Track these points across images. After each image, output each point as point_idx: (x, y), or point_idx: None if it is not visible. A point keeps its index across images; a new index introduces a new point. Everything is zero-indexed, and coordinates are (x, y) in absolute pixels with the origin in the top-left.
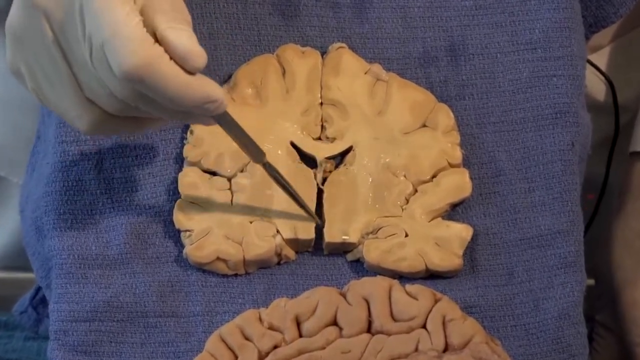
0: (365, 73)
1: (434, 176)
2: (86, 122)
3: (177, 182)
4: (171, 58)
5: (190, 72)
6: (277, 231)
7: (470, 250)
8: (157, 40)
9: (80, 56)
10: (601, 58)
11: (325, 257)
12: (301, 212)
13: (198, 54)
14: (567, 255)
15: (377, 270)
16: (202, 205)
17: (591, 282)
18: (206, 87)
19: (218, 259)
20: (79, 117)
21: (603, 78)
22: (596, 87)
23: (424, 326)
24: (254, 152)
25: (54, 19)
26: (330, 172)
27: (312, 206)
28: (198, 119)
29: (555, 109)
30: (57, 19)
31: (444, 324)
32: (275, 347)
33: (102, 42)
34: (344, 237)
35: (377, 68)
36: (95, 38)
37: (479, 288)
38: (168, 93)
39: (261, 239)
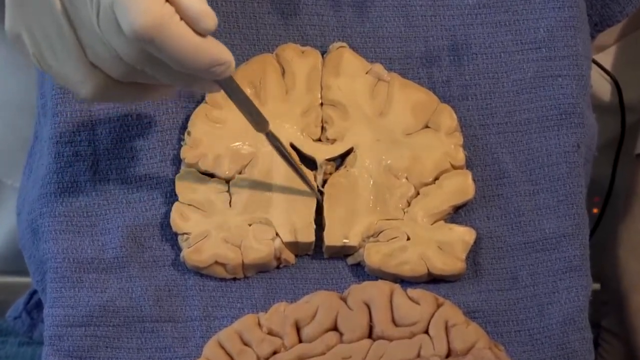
0: (366, 73)
1: (436, 178)
2: (90, 88)
3: (174, 184)
4: (181, 19)
5: (201, 34)
6: (277, 234)
7: (474, 254)
8: (167, 1)
9: (86, 18)
10: (607, 57)
11: (325, 260)
12: (301, 214)
13: (209, 15)
14: (572, 259)
15: (378, 274)
16: (199, 207)
17: (597, 286)
18: (215, 49)
19: (216, 262)
20: (82, 83)
21: (609, 78)
22: (602, 87)
23: (426, 331)
24: (258, 120)
25: None
26: (331, 174)
27: (312, 209)
28: (203, 85)
29: (560, 110)
30: None
31: (446, 329)
32: (275, 352)
33: (112, 1)
34: (344, 240)
35: (378, 68)
36: None
37: (482, 292)
38: (177, 54)
39: (260, 243)
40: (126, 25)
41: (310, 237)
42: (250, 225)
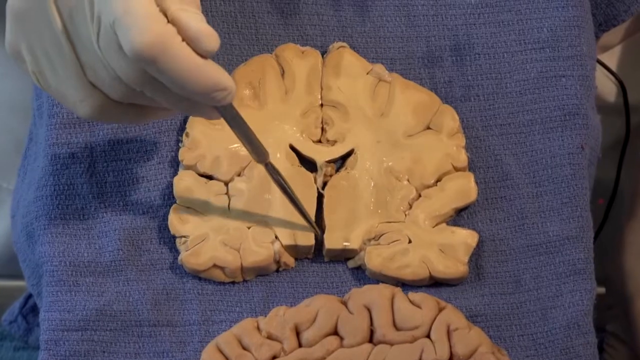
0: (367, 73)
1: (438, 180)
2: (88, 107)
3: (172, 186)
4: (183, 40)
5: (202, 56)
6: (276, 237)
7: (476, 257)
8: (169, 21)
9: (86, 37)
10: (611, 58)
11: (325, 264)
12: (300, 217)
13: (211, 36)
14: (576, 262)
15: (379, 278)
16: (198, 210)
17: (601, 290)
18: (217, 74)
19: (215, 266)
20: (81, 102)
21: (613, 78)
22: (606, 87)
23: (427, 336)
24: (258, 150)
25: None
26: (331, 176)
27: (312, 211)
28: (203, 111)
29: (564, 111)
30: None
31: (448, 333)
32: (274, 357)
33: (113, 20)
34: (345, 243)
35: (379, 68)
36: (105, 16)
37: (485, 296)
38: (179, 75)
39: (259, 246)
40: (127, 45)
41: (310, 240)
42: (249, 228)
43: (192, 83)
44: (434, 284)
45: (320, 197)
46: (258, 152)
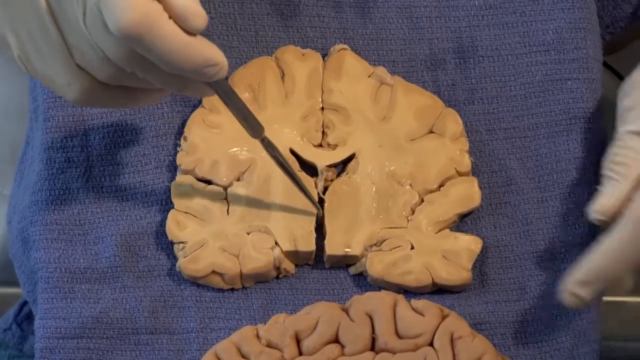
0: (369, 76)
1: (441, 185)
2: (76, 91)
3: (169, 191)
4: (170, 17)
5: (190, 33)
6: (276, 243)
7: (480, 264)
8: None
9: (72, 18)
10: (618, 60)
11: (326, 270)
12: (301, 222)
13: (198, 13)
14: None
15: (381, 285)
16: (196, 215)
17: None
18: (207, 49)
19: (213, 272)
20: (69, 85)
21: (620, 81)
22: (613, 90)
23: (430, 344)
24: (253, 126)
25: None
26: (332, 180)
27: (312, 218)
28: (196, 89)
29: (570, 114)
30: None
31: (452, 341)
32: None
33: None
34: (346, 249)
35: (381, 71)
36: None
37: (489, 304)
38: (166, 53)
39: (259, 252)
40: (113, 23)
41: (311, 246)
42: (248, 233)
43: (181, 60)
44: (436, 290)
45: (321, 202)
46: (254, 127)
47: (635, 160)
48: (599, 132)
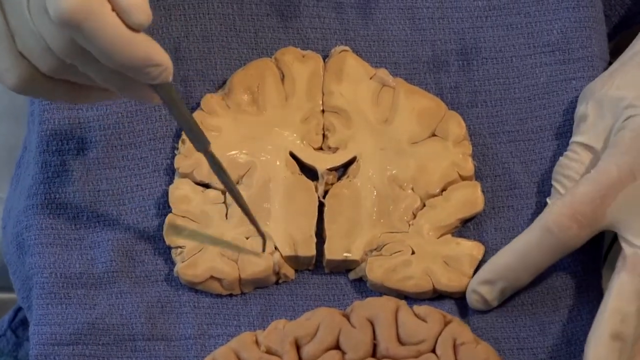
0: (370, 78)
1: (443, 189)
2: (14, 78)
3: (167, 195)
4: (113, 10)
5: (133, 29)
6: (275, 248)
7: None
8: None
9: (16, 3)
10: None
11: (326, 275)
12: (301, 226)
13: (142, 9)
14: (576, 274)
15: (381, 290)
16: (194, 220)
17: None
18: (150, 47)
19: (212, 277)
20: (7, 71)
21: None
22: None
23: (433, 350)
24: (198, 137)
25: None
26: (332, 184)
27: (313, 222)
28: (138, 90)
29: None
30: None
31: (454, 348)
32: None
33: None
34: (345, 254)
35: (383, 73)
36: None
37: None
38: (106, 44)
39: (258, 256)
40: (52, 8)
41: (311, 251)
42: (247, 238)
43: (120, 54)
44: (437, 297)
45: (321, 206)
46: (198, 139)
47: (580, 174)
48: None
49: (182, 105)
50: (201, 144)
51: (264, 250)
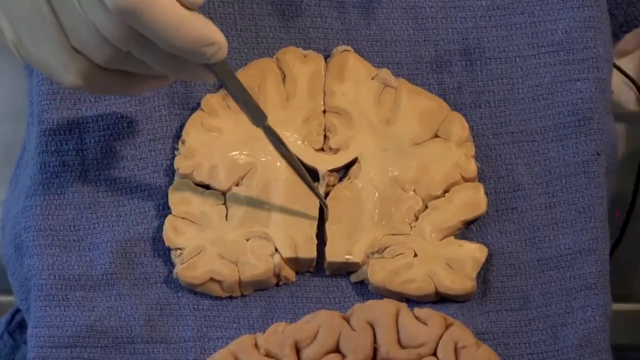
0: (372, 79)
1: (446, 191)
2: (73, 75)
3: (167, 196)
4: None
5: (188, 8)
6: (276, 250)
7: (484, 272)
8: None
9: None
10: (629, 63)
11: (327, 278)
12: (302, 228)
13: None
14: (587, 276)
15: (383, 293)
16: (194, 221)
17: (619, 307)
18: (205, 27)
19: (211, 279)
20: (65, 68)
21: (632, 85)
22: (624, 94)
23: (434, 354)
24: (255, 113)
25: None
26: (334, 185)
27: (313, 224)
28: (194, 71)
29: (579, 116)
30: None
31: (456, 351)
32: None
33: None
34: (347, 256)
35: (385, 73)
36: None
37: (491, 313)
38: (164, 29)
39: (258, 258)
40: None
41: (312, 253)
42: (247, 240)
43: (179, 37)
44: (439, 300)
45: (322, 208)
46: (255, 115)
47: None
48: (609, 133)
49: (237, 81)
50: (258, 119)
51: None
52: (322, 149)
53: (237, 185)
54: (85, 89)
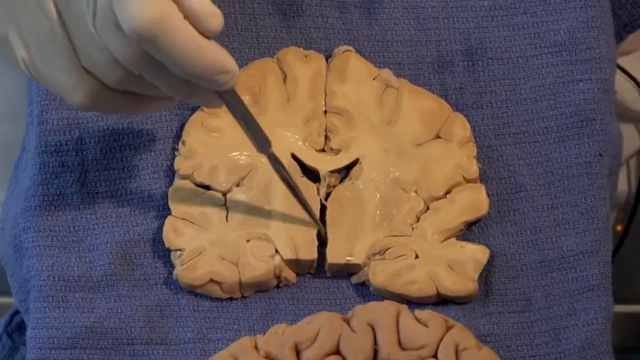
0: (374, 79)
1: (447, 192)
2: (81, 94)
3: (167, 196)
4: (185, 18)
5: (205, 36)
6: (276, 251)
7: (486, 273)
8: None
9: (81, 19)
10: (633, 63)
11: (328, 279)
12: (302, 230)
13: (215, 15)
14: (589, 278)
15: (384, 294)
16: (194, 222)
17: (621, 308)
18: (220, 55)
19: (211, 281)
20: (74, 88)
21: (635, 85)
22: (627, 94)
23: (434, 355)
24: (261, 139)
25: None
26: (335, 186)
27: (314, 225)
28: (204, 97)
29: (581, 117)
30: None
31: (456, 353)
32: None
33: None
34: (348, 257)
35: (386, 74)
36: None
37: (493, 315)
38: (180, 55)
39: (259, 260)
40: (126, 22)
41: (312, 254)
42: (248, 241)
43: (195, 64)
44: (441, 301)
45: (323, 209)
46: (261, 141)
47: None
48: (612, 134)
49: (244, 107)
50: (263, 146)
51: (322, 241)
52: (323, 150)
53: (237, 186)
54: (92, 108)
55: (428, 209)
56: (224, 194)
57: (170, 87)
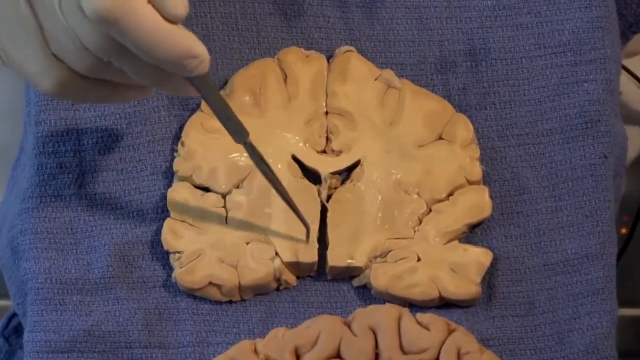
0: (376, 79)
1: (450, 194)
2: (51, 81)
3: (166, 198)
4: (149, 2)
5: (170, 21)
6: (276, 253)
7: (489, 276)
8: None
9: (49, 3)
10: (638, 64)
11: (328, 282)
12: (303, 232)
13: (179, 0)
14: (594, 281)
15: (386, 298)
16: (193, 224)
17: (626, 311)
18: (187, 39)
19: (210, 284)
20: (43, 74)
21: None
22: (632, 96)
23: (436, 359)
24: (236, 128)
25: None
26: (336, 188)
27: (316, 226)
28: (175, 84)
29: (586, 118)
30: None
31: (459, 357)
32: None
33: None
34: (349, 260)
35: (388, 74)
36: None
37: (497, 318)
38: (144, 39)
39: (258, 262)
40: (88, 6)
41: (313, 257)
42: (247, 243)
43: (159, 48)
44: (443, 304)
45: (324, 211)
46: (237, 130)
47: None
48: (617, 135)
49: (218, 95)
50: (239, 135)
51: (307, 240)
52: (324, 151)
53: (237, 187)
54: (62, 96)
55: (430, 211)
56: (224, 196)
57: (139, 74)
